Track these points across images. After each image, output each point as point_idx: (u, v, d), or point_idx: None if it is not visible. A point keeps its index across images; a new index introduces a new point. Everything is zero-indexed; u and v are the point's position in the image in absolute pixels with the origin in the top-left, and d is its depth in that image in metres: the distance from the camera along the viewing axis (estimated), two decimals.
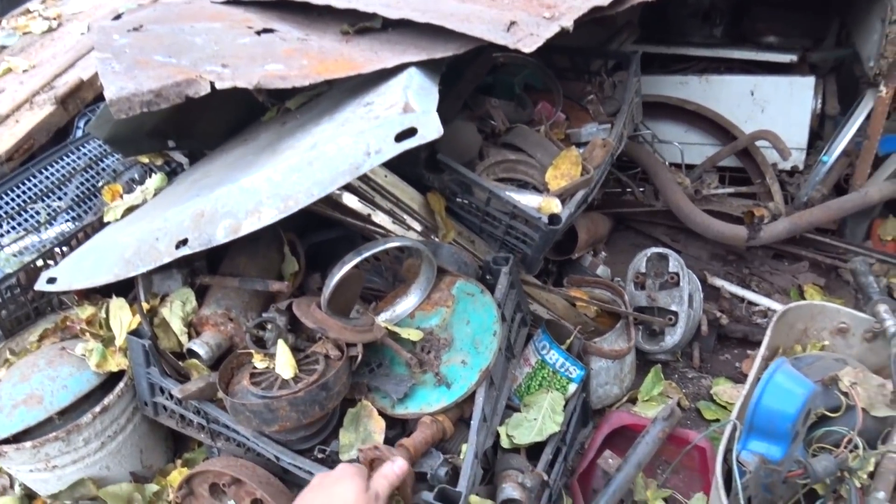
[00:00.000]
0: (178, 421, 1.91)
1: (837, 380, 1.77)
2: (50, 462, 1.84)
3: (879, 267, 2.60)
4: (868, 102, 2.55)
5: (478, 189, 1.91)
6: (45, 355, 1.93)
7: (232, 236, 1.52)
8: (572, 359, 1.89)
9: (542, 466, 1.75)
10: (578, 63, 2.73)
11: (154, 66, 1.66)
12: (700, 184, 2.75)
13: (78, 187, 2.37)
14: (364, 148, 1.42)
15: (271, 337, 1.72)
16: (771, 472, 1.58)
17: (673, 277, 2.30)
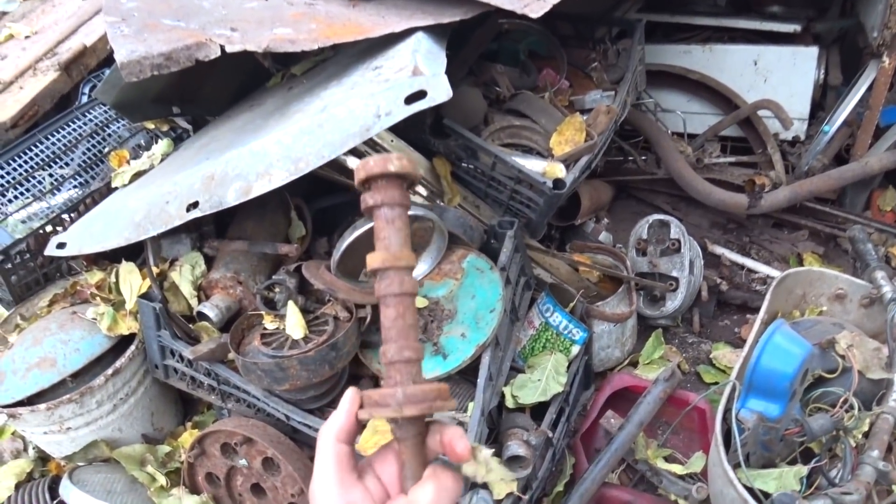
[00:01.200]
0: (188, 383, 1.94)
1: (834, 342, 1.81)
2: (64, 424, 1.88)
3: (878, 237, 2.63)
4: (870, 73, 2.56)
5: (483, 154, 1.93)
6: (57, 319, 1.96)
7: (243, 198, 1.54)
8: (575, 321, 1.92)
9: (545, 426, 1.79)
10: (583, 31, 2.73)
11: (163, 29, 1.66)
12: (702, 153, 2.76)
13: (84, 153, 2.38)
14: (374, 110, 1.44)
15: (281, 298, 1.75)
16: (769, 429, 1.63)
17: (674, 244, 2.33)
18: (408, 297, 0.70)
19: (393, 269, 0.69)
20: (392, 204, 0.69)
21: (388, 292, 0.70)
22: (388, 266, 0.69)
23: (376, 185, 0.69)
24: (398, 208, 0.70)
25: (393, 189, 0.69)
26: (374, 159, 0.68)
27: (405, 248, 0.70)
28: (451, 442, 0.68)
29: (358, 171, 0.70)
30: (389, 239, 0.70)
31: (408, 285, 0.70)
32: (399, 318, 0.70)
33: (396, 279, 0.69)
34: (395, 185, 0.69)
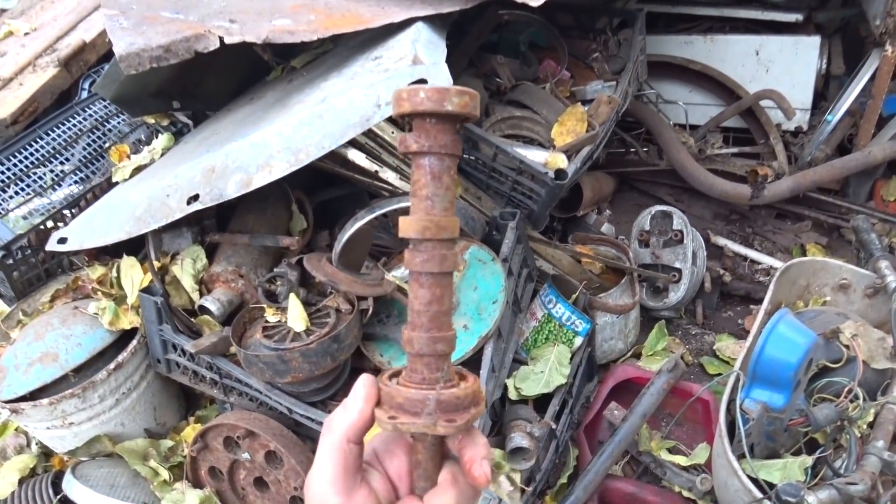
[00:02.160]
0: (190, 377, 1.94)
1: (839, 332, 1.80)
2: (66, 419, 1.88)
3: (882, 227, 2.62)
4: (873, 62, 2.54)
5: (484, 145, 1.92)
6: (59, 314, 1.95)
7: (243, 190, 1.54)
8: (578, 312, 1.92)
9: (549, 417, 1.79)
10: (583, 21, 2.72)
11: (162, 21, 1.65)
12: (704, 143, 2.75)
13: (84, 149, 2.37)
14: (374, 100, 1.43)
15: (283, 291, 1.74)
16: (773, 419, 1.62)
17: (677, 235, 2.32)
18: (446, 277, 0.58)
19: (433, 242, 0.56)
20: (441, 153, 0.55)
21: (425, 269, 0.57)
22: (427, 237, 0.56)
23: (423, 126, 0.55)
24: (448, 159, 0.56)
25: (445, 134, 0.55)
26: (425, 90, 0.54)
27: (449, 212, 0.56)
28: (472, 464, 0.59)
29: (401, 102, 0.55)
30: (433, 199, 0.56)
31: (449, 262, 0.57)
32: (434, 303, 0.58)
33: (436, 254, 0.57)
34: (448, 128, 0.55)
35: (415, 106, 0.54)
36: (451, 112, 0.54)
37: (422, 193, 0.56)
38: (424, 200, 0.56)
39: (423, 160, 0.56)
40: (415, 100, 0.53)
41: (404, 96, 0.54)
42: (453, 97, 0.53)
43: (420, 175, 0.56)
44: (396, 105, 0.55)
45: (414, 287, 0.59)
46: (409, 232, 0.57)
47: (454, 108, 0.54)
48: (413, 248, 0.58)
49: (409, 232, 0.57)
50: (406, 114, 0.55)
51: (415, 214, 0.57)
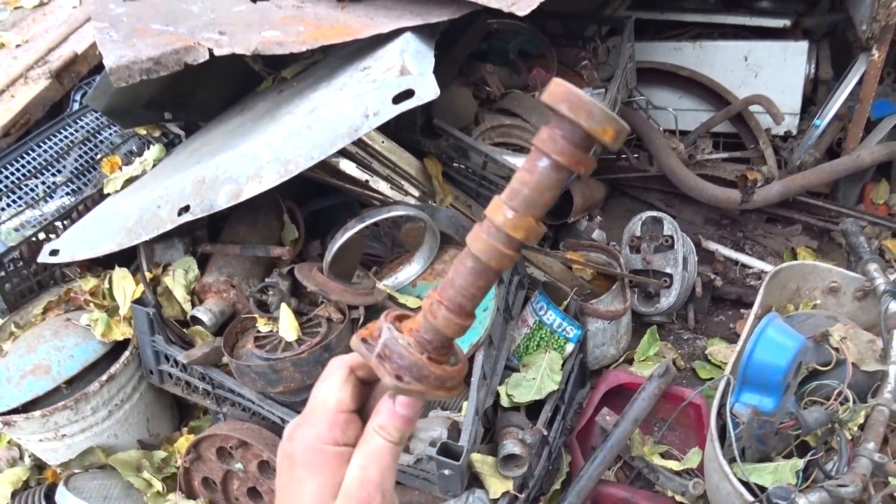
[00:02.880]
0: (183, 388, 1.94)
1: (828, 335, 1.81)
2: (59, 431, 1.88)
3: (871, 229, 2.63)
4: (860, 66, 2.56)
5: (474, 153, 1.93)
6: (51, 326, 1.96)
7: (234, 201, 1.54)
8: (569, 319, 1.92)
9: (541, 424, 1.79)
10: (573, 29, 2.74)
11: (152, 34, 1.66)
12: (694, 149, 2.77)
13: (76, 160, 2.37)
14: (362, 110, 1.44)
15: (274, 301, 1.75)
16: (764, 422, 1.63)
17: (667, 240, 2.33)
18: (474, 258, 0.57)
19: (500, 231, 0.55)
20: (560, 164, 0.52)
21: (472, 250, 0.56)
22: (497, 224, 0.55)
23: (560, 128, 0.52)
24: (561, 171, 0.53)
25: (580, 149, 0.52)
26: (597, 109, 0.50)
27: (527, 214, 0.54)
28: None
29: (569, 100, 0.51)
30: (518, 197, 0.54)
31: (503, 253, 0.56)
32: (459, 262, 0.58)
33: (496, 246, 0.56)
34: (584, 146, 0.52)
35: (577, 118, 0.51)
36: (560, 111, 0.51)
37: (514, 184, 0.55)
38: (512, 178, 0.55)
39: (542, 163, 0.54)
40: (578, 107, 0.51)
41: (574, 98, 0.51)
42: (567, 98, 0.51)
43: (532, 165, 0.54)
44: (549, 97, 0.52)
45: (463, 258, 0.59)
46: (488, 211, 0.56)
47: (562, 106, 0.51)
48: (480, 222, 0.57)
49: (487, 211, 0.56)
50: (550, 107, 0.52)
51: (503, 199, 0.55)
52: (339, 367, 0.64)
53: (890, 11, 2.28)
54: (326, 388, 0.63)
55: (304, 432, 0.62)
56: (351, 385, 0.63)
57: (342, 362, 0.64)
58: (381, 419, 0.62)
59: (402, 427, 0.62)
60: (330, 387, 0.63)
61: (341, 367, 0.64)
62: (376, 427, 0.62)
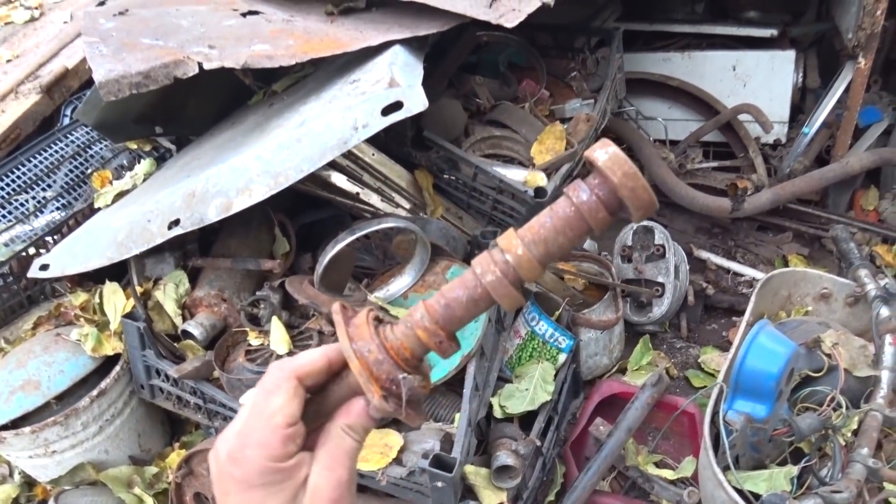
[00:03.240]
0: (174, 402, 1.93)
1: (820, 341, 1.81)
2: (49, 447, 1.86)
3: (862, 236, 2.64)
4: (847, 74, 2.58)
5: (464, 165, 1.93)
6: (41, 342, 1.94)
7: (224, 214, 1.54)
8: (561, 329, 1.92)
9: (534, 435, 1.78)
10: (562, 40, 2.75)
11: (141, 48, 1.67)
12: (684, 158, 2.78)
13: (66, 175, 2.37)
14: (351, 123, 1.44)
15: (265, 314, 1.74)
16: (757, 430, 1.63)
17: (659, 249, 2.34)
18: (482, 289, 0.60)
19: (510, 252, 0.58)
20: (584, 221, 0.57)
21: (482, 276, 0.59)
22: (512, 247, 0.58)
23: (594, 172, 0.57)
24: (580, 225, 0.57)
25: (603, 210, 0.57)
26: (627, 170, 0.55)
27: (541, 261, 0.58)
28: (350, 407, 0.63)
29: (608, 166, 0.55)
30: (537, 244, 0.58)
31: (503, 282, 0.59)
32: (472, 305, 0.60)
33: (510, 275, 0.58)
34: (612, 205, 0.57)
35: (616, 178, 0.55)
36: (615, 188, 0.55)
37: (538, 218, 0.59)
38: (534, 222, 0.59)
39: (560, 200, 0.58)
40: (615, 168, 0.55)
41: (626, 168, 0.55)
42: (628, 182, 0.55)
43: (554, 211, 0.58)
44: (595, 159, 0.56)
45: (460, 278, 0.61)
46: (500, 240, 0.59)
47: (634, 207, 0.56)
48: (490, 250, 0.60)
49: (500, 240, 0.59)
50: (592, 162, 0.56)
51: (518, 233, 0.59)
52: (287, 380, 0.61)
53: (875, 20, 2.31)
54: (275, 403, 0.60)
55: (254, 453, 0.59)
56: (299, 397, 0.62)
57: (288, 373, 0.62)
58: (351, 420, 0.63)
59: (370, 428, 0.64)
60: (278, 402, 0.60)
61: (288, 378, 0.62)
62: (345, 428, 0.63)
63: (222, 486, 0.61)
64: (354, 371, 0.60)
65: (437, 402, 1.76)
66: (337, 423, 0.63)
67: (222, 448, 0.61)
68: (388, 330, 0.63)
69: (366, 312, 0.64)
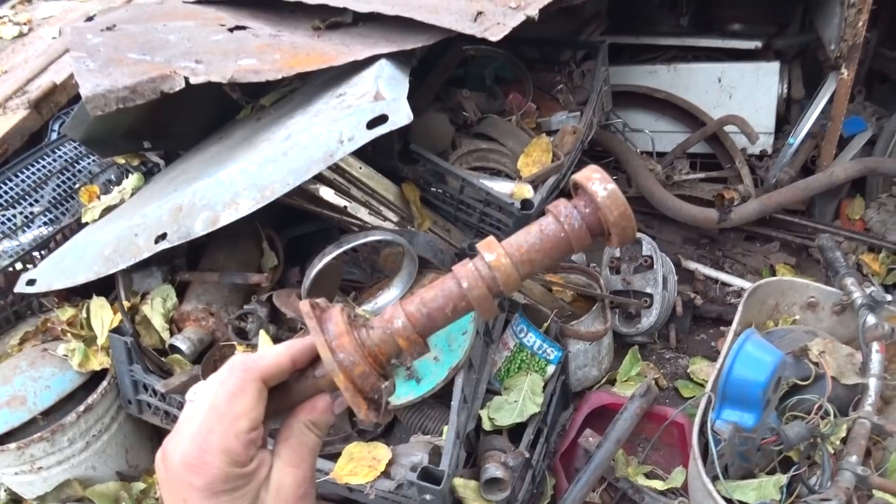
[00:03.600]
0: (162, 417, 1.92)
1: (807, 350, 1.83)
2: (35, 463, 1.85)
3: (848, 245, 2.66)
4: (831, 85, 2.61)
5: (451, 178, 1.94)
6: (27, 357, 1.93)
7: (210, 228, 1.54)
8: (549, 340, 1.93)
9: (523, 447, 1.78)
10: (548, 54, 2.77)
11: (128, 63, 1.67)
12: (671, 170, 2.80)
13: (54, 190, 2.37)
14: (337, 136, 1.45)
15: (253, 328, 1.74)
16: (745, 439, 1.63)
17: (647, 260, 2.35)
18: (466, 302, 0.61)
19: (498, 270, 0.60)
20: (567, 234, 0.60)
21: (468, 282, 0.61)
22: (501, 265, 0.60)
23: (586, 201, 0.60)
24: (562, 244, 0.61)
25: (582, 231, 0.60)
26: (618, 200, 0.59)
27: (522, 270, 0.60)
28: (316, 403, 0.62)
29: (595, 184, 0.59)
30: (524, 250, 0.60)
31: (489, 298, 0.61)
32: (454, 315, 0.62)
33: (495, 290, 0.60)
34: (595, 227, 0.60)
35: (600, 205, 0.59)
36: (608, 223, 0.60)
37: (526, 236, 0.61)
38: (522, 240, 0.61)
39: (548, 220, 0.61)
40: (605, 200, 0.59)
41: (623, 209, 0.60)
42: (622, 221, 0.60)
43: (545, 234, 0.61)
44: (584, 180, 0.60)
45: (440, 282, 0.62)
46: (486, 254, 0.61)
47: (618, 241, 0.61)
48: (475, 262, 0.62)
49: (482, 247, 0.61)
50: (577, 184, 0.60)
51: (506, 248, 0.61)
52: (252, 382, 0.59)
53: (857, 31, 2.34)
54: (239, 407, 0.58)
55: (217, 460, 0.57)
56: (264, 400, 0.60)
57: (253, 374, 0.60)
58: (315, 417, 0.62)
59: (330, 423, 0.64)
60: (243, 406, 0.58)
61: (254, 380, 0.59)
62: (308, 424, 0.62)
63: (176, 493, 0.58)
64: (339, 385, 0.59)
65: (425, 415, 1.76)
66: (300, 419, 0.62)
67: (175, 453, 0.58)
68: (366, 335, 0.62)
69: (340, 314, 0.63)
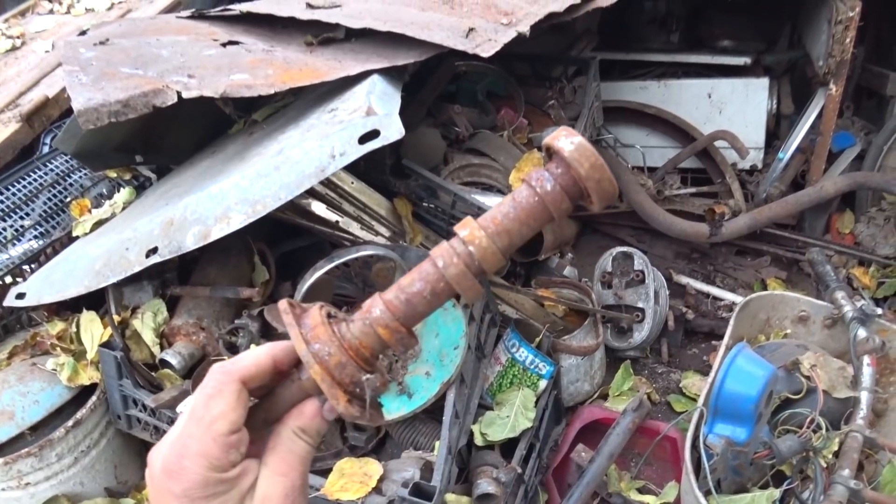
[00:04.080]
0: (152, 433, 1.90)
1: (799, 364, 1.83)
2: (22, 479, 1.83)
3: (839, 258, 2.68)
4: (820, 101, 2.64)
5: (443, 192, 1.95)
6: (16, 371, 1.92)
7: (202, 242, 1.54)
8: (541, 355, 1.92)
9: (515, 462, 1.78)
10: (539, 70, 2.79)
11: (121, 77, 1.67)
12: (663, 185, 2.82)
13: (45, 203, 2.36)
14: (329, 151, 1.45)
15: (244, 343, 1.73)
16: (738, 453, 1.63)
17: (638, 275, 2.35)
18: (444, 283, 0.58)
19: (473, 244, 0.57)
20: (542, 196, 0.57)
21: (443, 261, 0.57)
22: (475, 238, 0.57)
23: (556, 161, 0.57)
24: (543, 204, 0.57)
25: (559, 191, 0.57)
26: (595, 162, 0.55)
27: (503, 245, 0.57)
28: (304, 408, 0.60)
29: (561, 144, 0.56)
30: (503, 217, 0.57)
31: (467, 275, 0.57)
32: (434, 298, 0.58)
33: (473, 268, 0.57)
34: (572, 192, 0.57)
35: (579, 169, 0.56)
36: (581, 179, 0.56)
37: (500, 208, 0.58)
38: (496, 212, 0.58)
39: (521, 187, 0.58)
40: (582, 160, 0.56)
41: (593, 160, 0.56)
42: (595, 174, 0.56)
43: (517, 202, 0.58)
44: (549, 142, 0.57)
45: (418, 266, 0.60)
46: (459, 230, 0.58)
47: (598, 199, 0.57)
48: (450, 240, 0.59)
49: (458, 227, 0.59)
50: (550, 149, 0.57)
51: (480, 223, 0.58)
52: (230, 383, 0.58)
53: (844, 48, 2.37)
54: (216, 409, 0.57)
55: (194, 464, 0.55)
56: (243, 402, 0.58)
57: (231, 376, 0.58)
58: (304, 423, 0.60)
59: (323, 430, 0.61)
60: (220, 408, 0.57)
61: (232, 382, 0.58)
62: (297, 431, 0.60)
63: (159, 502, 0.57)
64: (315, 377, 0.57)
65: (417, 430, 1.75)
66: (288, 425, 0.60)
67: (156, 461, 0.57)
68: (345, 328, 0.60)
69: (318, 309, 0.60)
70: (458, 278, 0.58)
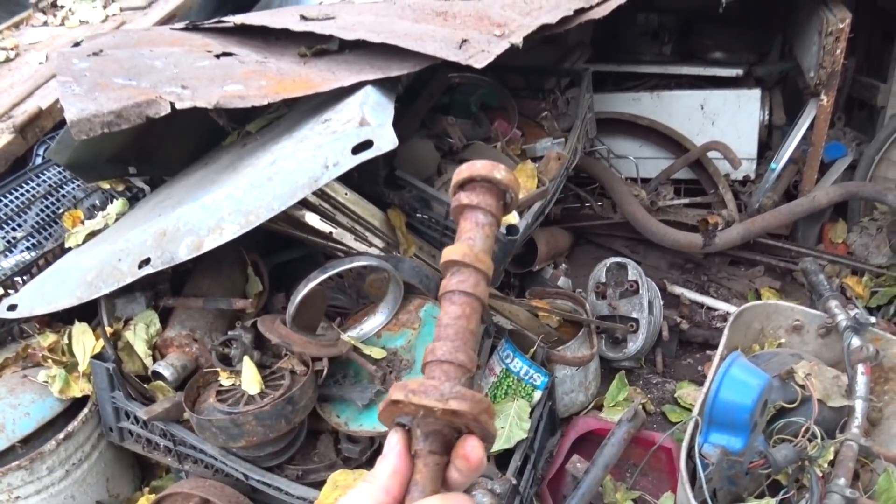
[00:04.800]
0: (144, 445, 1.89)
1: (793, 373, 1.83)
2: (13, 493, 1.81)
3: (832, 268, 2.69)
4: (811, 112, 2.66)
5: (437, 203, 1.94)
6: (7, 384, 1.90)
7: (195, 253, 1.53)
8: (536, 366, 1.92)
9: (510, 473, 1.77)
10: (533, 81, 2.80)
11: (114, 88, 1.67)
12: (656, 195, 2.82)
13: (38, 214, 2.35)
14: (322, 161, 1.45)
15: (237, 354, 1.72)
16: (733, 463, 1.62)
17: (632, 285, 2.35)
18: (476, 302, 0.62)
19: (472, 268, 0.62)
20: (487, 211, 0.63)
21: (459, 288, 0.61)
22: (467, 262, 0.61)
23: (478, 188, 0.63)
24: (492, 217, 0.64)
25: (492, 198, 0.63)
26: (482, 163, 0.63)
27: (487, 255, 0.63)
28: (469, 451, 0.57)
29: (461, 171, 0.63)
30: (475, 240, 0.62)
31: (481, 290, 0.62)
32: (462, 318, 0.61)
33: (472, 279, 0.62)
34: (496, 194, 0.64)
35: (472, 172, 0.63)
36: (500, 180, 0.63)
37: (466, 235, 0.63)
38: (468, 240, 0.63)
39: (473, 213, 0.63)
40: (473, 168, 0.63)
41: (466, 167, 0.64)
42: (503, 170, 0.63)
43: (467, 224, 0.64)
44: (458, 176, 0.64)
45: (445, 305, 0.63)
46: (451, 255, 0.62)
47: (502, 177, 0.63)
48: (450, 274, 0.63)
49: (452, 255, 0.62)
50: (466, 180, 0.63)
51: (457, 245, 0.63)
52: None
53: (835, 59, 2.39)
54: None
55: None
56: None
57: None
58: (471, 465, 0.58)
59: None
60: None
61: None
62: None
63: None
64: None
65: None
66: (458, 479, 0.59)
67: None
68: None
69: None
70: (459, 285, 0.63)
